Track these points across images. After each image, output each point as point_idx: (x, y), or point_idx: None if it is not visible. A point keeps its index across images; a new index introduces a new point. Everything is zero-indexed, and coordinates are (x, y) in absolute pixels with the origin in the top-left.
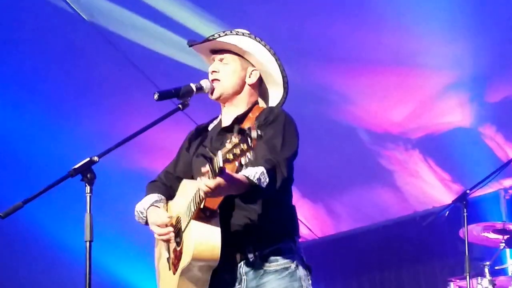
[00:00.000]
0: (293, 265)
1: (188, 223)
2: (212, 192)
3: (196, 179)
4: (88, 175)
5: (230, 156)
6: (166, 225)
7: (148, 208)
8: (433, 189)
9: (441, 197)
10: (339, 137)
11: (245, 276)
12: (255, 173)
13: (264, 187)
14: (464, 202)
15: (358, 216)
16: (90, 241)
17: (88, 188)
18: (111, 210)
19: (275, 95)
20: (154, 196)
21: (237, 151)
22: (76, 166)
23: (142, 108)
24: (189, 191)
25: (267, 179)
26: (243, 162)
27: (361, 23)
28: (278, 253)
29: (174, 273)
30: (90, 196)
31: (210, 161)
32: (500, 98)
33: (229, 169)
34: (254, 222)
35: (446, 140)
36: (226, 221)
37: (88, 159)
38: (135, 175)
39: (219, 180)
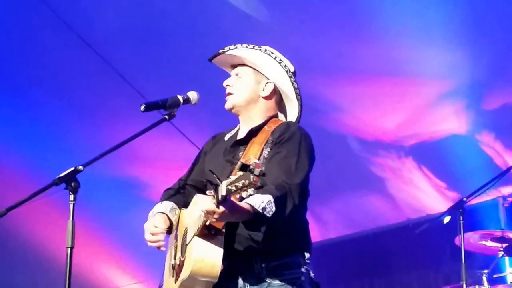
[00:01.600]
0: (299, 281)
1: (192, 238)
2: (215, 219)
3: (208, 188)
4: (72, 184)
5: (233, 188)
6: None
7: (155, 214)
8: (427, 197)
9: (436, 205)
10: (329, 145)
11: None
12: (261, 202)
13: (269, 216)
14: (461, 210)
15: (346, 223)
16: (71, 247)
17: (71, 196)
18: (97, 218)
19: (292, 110)
20: (164, 204)
21: (239, 184)
22: (61, 175)
23: (129, 118)
24: (198, 205)
25: (273, 209)
26: (244, 196)
27: (354, 32)
28: (285, 267)
29: (175, 282)
30: (73, 204)
31: (215, 188)
32: (499, 105)
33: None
34: (263, 235)
35: (441, 147)
36: (233, 231)
37: (73, 168)
38: (121, 184)
39: (221, 209)
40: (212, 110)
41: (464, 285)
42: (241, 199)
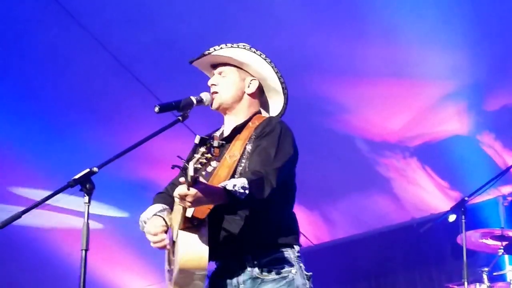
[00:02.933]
0: (291, 274)
1: (177, 233)
2: (190, 202)
3: None
4: (87, 186)
5: (198, 166)
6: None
7: (151, 217)
8: (431, 196)
9: (439, 204)
10: (337, 146)
11: (242, 285)
12: (234, 184)
13: (243, 198)
14: (462, 209)
15: (354, 223)
16: (86, 250)
17: (86, 198)
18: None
19: (276, 104)
20: (158, 206)
21: (203, 160)
22: (76, 177)
23: (143, 120)
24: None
25: (247, 190)
26: (209, 170)
27: (359, 34)
28: (276, 262)
29: (170, 281)
30: (88, 206)
31: (185, 172)
32: (499, 107)
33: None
34: (252, 231)
35: (444, 147)
36: (223, 229)
37: (88, 169)
38: (135, 186)
39: (193, 190)
40: None
41: (466, 283)
42: (208, 176)
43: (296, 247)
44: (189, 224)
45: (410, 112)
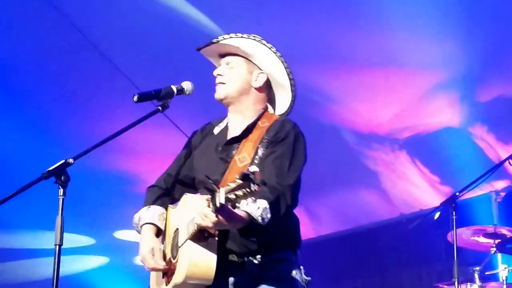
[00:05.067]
0: (289, 276)
1: (185, 241)
2: (211, 225)
3: (197, 185)
4: (62, 178)
5: (232, 196)
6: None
7: (143, 224)
8: (420, 191)
9: (429, 199)
10: (323, 138)
11: (241, 285)
12: (257, 208)
13: (264, 223)
14: (453, 205)
15: (340, 219)
16: (60, 245)
17: (61, 191)
18: (88, 214)
19: (283, 100)
20: (152, 210)
21: (239, 193)
22: (51, 168)
23: (121, 109)
24: (189, 206)
25: (269, 215)
26: (238, 205)
27: (346, 22)
28: (276, 262)
29: (166, 284)
30: (63, 198)
31: (212, 194)
32: (492, 97)
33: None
34: (257, 238)
35: (434, 140)
36: (225, 231)
37: (63, 161)
38: (113, 178)
39: (218, 218)
40: (207, 101)
41: (456, 283)
42: (235, 206)
43: (297, 250)
44: (200, 235)
45: (399, 103)
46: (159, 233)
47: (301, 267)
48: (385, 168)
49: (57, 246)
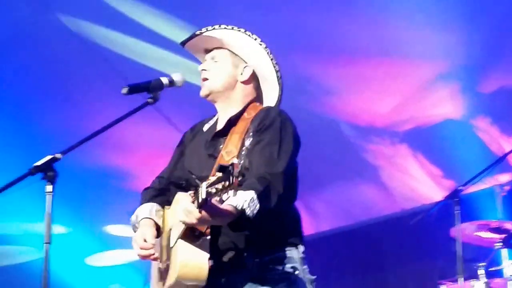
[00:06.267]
0: (293, 275)
1: (176, 241)
2: (195, 224)
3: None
4: (50, 173)
5: (213, 190)
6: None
7: (140, 220)
8: (422, 186)
9: (431, 194)
10: (321, 131)
11: (242, 285)
12: (244, 201)
13: (253, 215)
14: (456, 199)
15: (340, 215)
16: (49, 243)
17: (49, 187)
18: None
19: (271, 93)
20: (147, 206)
21: (219, 186)
22: (37, 164)
23: (110, 102)
24: (180, 206)
25: (257, 206)
26: (224, 198)
27: (345, 11)
28: (278, 261)
29: (163, 285)
30: (51, 195)
31: (195, 190)
32: (495, 88)
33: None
34: (253, 230)
35: (436, 133)
36: (223, 229)
37: (50, 156)
38: (102, 174)
39: (202, 214)
40: (198, 93)
41: (460, 279)
42: (221, 201)
43: (301, 247)
44: (190, 234)
45: (399, 94)
46: (158, 230)
47: (305, 265)
48: (385, 162)
49: (46, 245)
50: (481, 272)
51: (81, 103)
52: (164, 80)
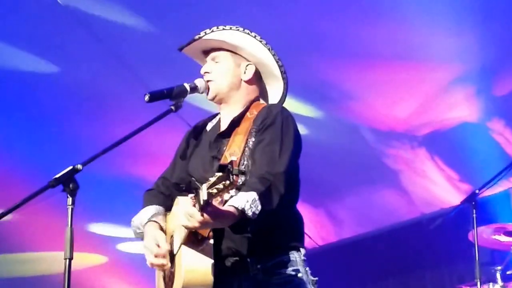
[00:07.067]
0: (296, 279)
1: (179, 247)
2: (197, 228)
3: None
4: (70, 185)
5: (214, 191)
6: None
7: (145, 223)
8: (440, 190)
9: (449, 198)
10: (341, 136)
11: None
12: (246, 201)
13: (255, 217)
14: (473, 203)
15: (361, 221)
16: (70, 259)
17: (70, 200)
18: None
19: (275, 90)
20: (152, 209)
21: (220, 186)
22: (58, 176)
23: (132, 111)
24: (181, 210)
25: (259, 207)
26: (225, 198)
27: (364, 17)
28: (281, 265)
29: None
30: (72, 208)
31: (196, 193)
32: (508, 91)
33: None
34: (256, 234)
35: (453, 136)
36: (226, 233)
37: (70, 167)
38: (126, 184)
39: (204, 217)
40: None
41: (478, 283)
42: (223, 201)
43: (302, 250)
44: (193, 238)
45: (417, 98)
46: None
47: (307, 268)
48: (405, 166)
49: (67, 260)
50: (498, 275)
51: (101, 112)
52: (187, 87)
